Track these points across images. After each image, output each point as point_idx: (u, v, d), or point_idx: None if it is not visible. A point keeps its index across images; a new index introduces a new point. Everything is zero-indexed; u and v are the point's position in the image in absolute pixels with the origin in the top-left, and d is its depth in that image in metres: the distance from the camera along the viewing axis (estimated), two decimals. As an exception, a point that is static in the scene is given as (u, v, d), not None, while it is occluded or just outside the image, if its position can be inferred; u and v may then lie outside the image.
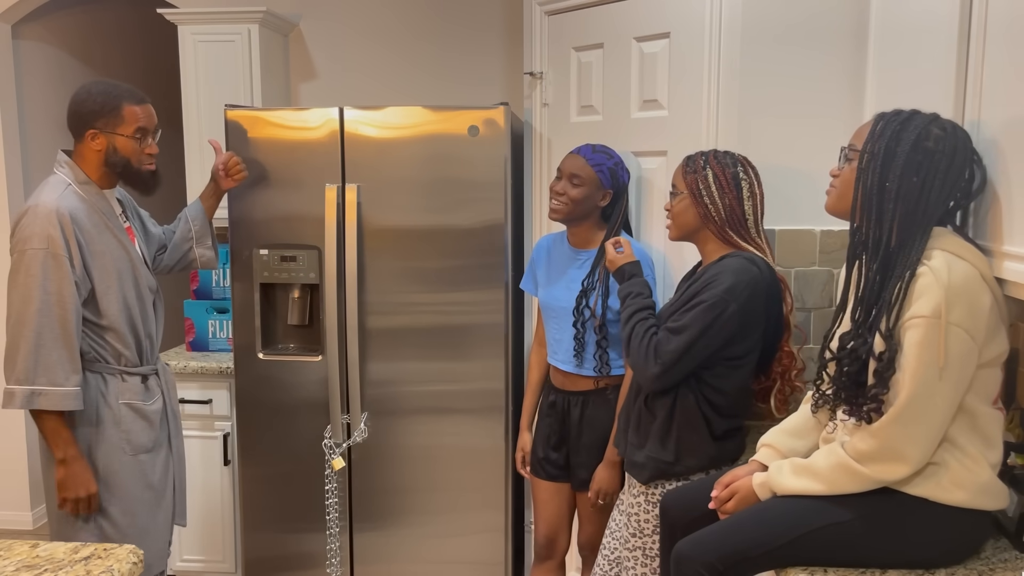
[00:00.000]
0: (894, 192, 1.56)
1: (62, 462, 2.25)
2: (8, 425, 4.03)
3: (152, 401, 2.42)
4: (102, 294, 2.29)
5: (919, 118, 1.58)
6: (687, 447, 2.12)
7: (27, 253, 2.19)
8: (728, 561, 1.64)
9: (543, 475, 2.72)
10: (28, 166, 4.08)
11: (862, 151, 1.61)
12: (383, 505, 3.12)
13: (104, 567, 1.49)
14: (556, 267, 2.66)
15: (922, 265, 1.52)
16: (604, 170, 2.50)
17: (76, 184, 2.30)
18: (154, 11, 3.65)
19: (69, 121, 2.33)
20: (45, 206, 2.22)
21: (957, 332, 1.48)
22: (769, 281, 2.07)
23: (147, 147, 2.35)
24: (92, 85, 2.32)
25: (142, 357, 2.41)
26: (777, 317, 2.13)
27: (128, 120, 2.30)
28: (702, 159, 2.15)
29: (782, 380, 2.22)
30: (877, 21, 2.20)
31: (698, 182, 2.13)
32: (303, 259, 3.03)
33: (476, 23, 3.63)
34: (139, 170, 2.34)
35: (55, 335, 2.20)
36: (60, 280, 2.20)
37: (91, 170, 2.33)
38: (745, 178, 2.13)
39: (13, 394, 2.20)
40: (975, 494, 1.55)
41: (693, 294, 2.07)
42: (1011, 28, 1.54)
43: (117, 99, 2.30)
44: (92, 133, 2.30)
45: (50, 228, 2.19)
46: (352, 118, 2.97)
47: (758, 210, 2.15)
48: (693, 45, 2.51)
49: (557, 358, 2.64)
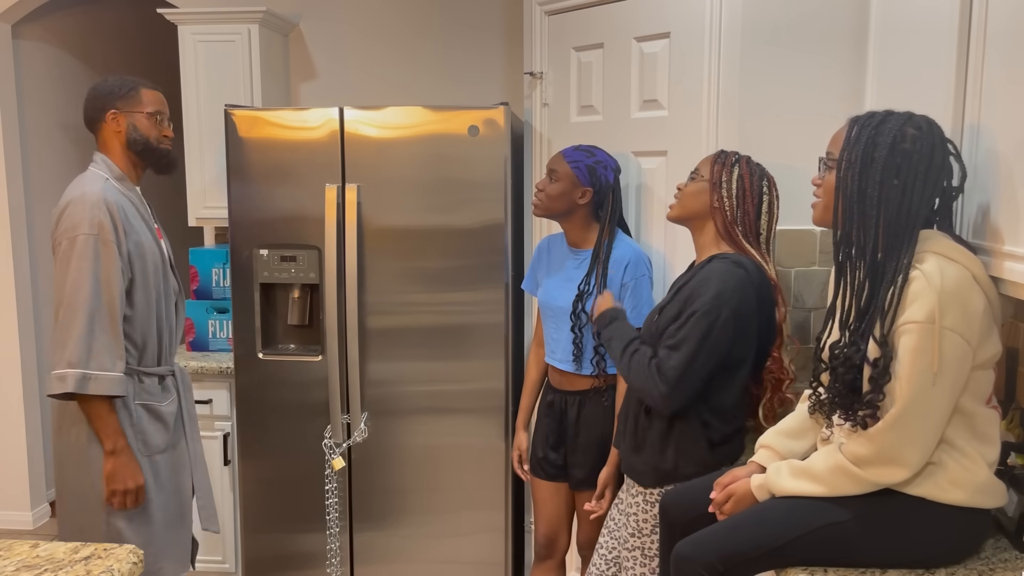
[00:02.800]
0: (875, 198, 1.55)
1: (111, 453, 2.25)
2: (8, 425, 4.04)
3: (168, 402, 2.43)
4: (137, 287, 2.31)
5: (893, 120, 1.57)
6: (686, 456, 2.11)
7: (78, 239, 2.20)
8: (728, 562, 1.64)
9: (542, 475, 2.72)
10: (28, 166, 4.08)
11: (839, 159, 1.61)
12: (383, 505, 3.12)
13: (104, 567, 1.49)
14: (555, 266, 2.66)
15: (914, 269, 1.52)
16: (581, 167, 2.50)
17: (113, 179, 2.34)
18: (154, 11, 3.65)
19: (87, 112, 2.37)
20: (92, 195, 2.24)
21: (951, 336, 1.48)
22: (758, 282, 2.07)
23: (164, 128, 2.41)
24: (106, 78, 2.40)
25: (161, 356, 2.42)
26: (769, 320, 2.13)
27: (145, 101, 2.37)
28: (735, 157, 2.16)
29: (772, 391, 2.22)
30: (877, 21, 2.20)
31: (723, 174, 2.13)
32: (303, 259, 3.03)
33: (476, 23, 3.63)
34: (158, 148, 2.39)
35: (104, 321, 2.22)
36: (109, 266, 2.22)
37: (118, 159, 2.37)
38: (767, 193, 2.15)
39: (65, 377, 2.19)
40: (973, 493, 1.56)
41: (684, 302, 2.06)
42: (1011, 28, 1.54)
43: (134, 82, 2.38)
44: (112, 114, 2.34)
45: (100, 215, 2.22)
46: (352, 118, 2.97)
47: (772, 228, 2.16)
48: (693, 45, 2.51)
49: (555, 357, 2.64)
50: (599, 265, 2.51)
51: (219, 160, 3.38)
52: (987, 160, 1.62)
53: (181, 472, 2.48)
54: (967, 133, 1.69)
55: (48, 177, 4.22)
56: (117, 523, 2.31)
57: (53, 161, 4.26)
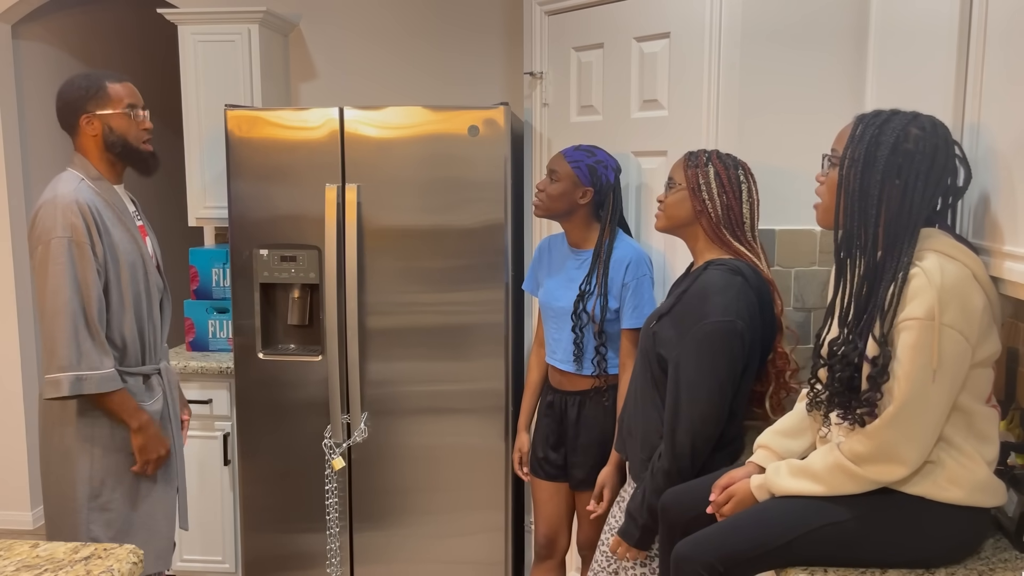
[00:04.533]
0: (877, 197, 1.55)
1: (139, 430, 2.33)
2: (8, 425, 4.04)
3: (152, 400, 2.43)
4: (112, 287, 2.31)
5: (897, 119, 1.57)
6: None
7: (52, 243, 2.21)
8: (728, 562, 1.64)
9: (542, 475, 2.72)
10: (28, 166, 4.08)
11: (842, 156, 1.61)
12: (383, 505, 3.12)
13: (104, 567, 1.49)
14: (555, 267, 2.66)
15: (914, 267, 1.52)
16: (582, 167, 2.50)
17: (88, 180, 2.33)
18: (154, 11, 3.65)
19: (60, 118, 2.35)
20: (64, 197, 2.24)
21: (951, 333, 1.48)
22: (756, 285, 2.07)
23: (141, 122, 2.38)
24: (71, 79, 2.36)
25: (145, 356, 2.42)
26: (770, 318, 2.13)
27: (114, 97, 2.34)
28: (705, 156, 2.15)
29: (777, 383, 2.22)
30: (877, 21, 2.20)
31: (699, 177, 2.12)
32: (303, 259, 3.03)
33: (476, 23, 3.63)
34: (137, 148, 2.37)
35: (86, 322, 2.24)
36: (85, 268, 2.23)
37: (96, 160, 2.36)
38: (745, 182, 2.14)
39: (59, 382, 2.22)
40: (971, 491, 1.56)
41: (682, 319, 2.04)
42: (1011, 28, 1.54)
43: (99, 80, 2.35)
44: (86, 118, 2.32)
45: (72, 217, 2.22)
46: (352, 118, 2.97)
47: (755, 215, 2.16)
48: (693, 45, 2.51)
49: (555, 358, 2.64)
50: (600, 265, 2.51)
51: (219, 160, 3.38)
52: (987, 159, 1.62)
53: (167, 470, 2.48)
54: (967, 132, 1.69)
55: (48, 177, 4.21)
56: (101, 521, 2.34)
57: (53, 161, 4.26)
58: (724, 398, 2.00)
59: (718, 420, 2.01)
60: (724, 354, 1.98)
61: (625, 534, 2.13)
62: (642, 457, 2.17)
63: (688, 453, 2.01)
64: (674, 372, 2.03)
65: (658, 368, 2.12)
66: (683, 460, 2.01)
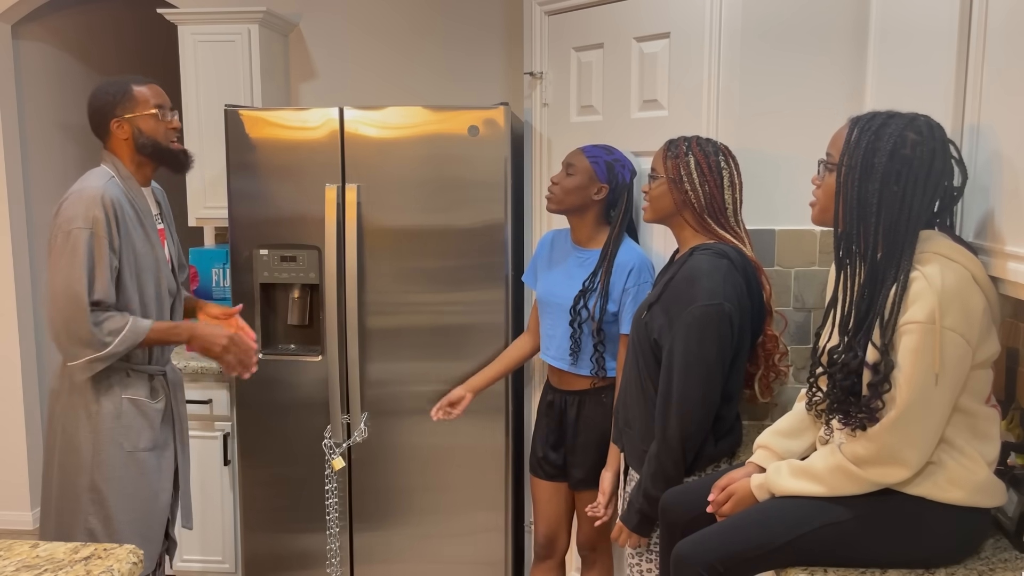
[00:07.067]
0: (875, 203, 1.55)
1: (190, 340, 2.38)
2: (8, 425, 4.03)
3: (156, 400, 2.44)
4: (124, 286, 2.34)
5: (894, 123, 1.56)
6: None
7: (72, 233, 2.25)
8: (728, 562, 1.64)
9: (542, 475, 2.72)
10: (28, 166, 4.08)
11: (839, 163, 1.60)
12: (383, 505, 3.12)
13: (104, 567, 1.49)
14: (557, 262, 2.66)
15: (915, 270, 1.52)
16: (600, 162, 2.50)
17: (119, 178, 2.38)
18: (154, 11, 3.65)
19: (93, 125, 2.41)
20: (92, 190, 2.28)
21: (952, 336, 1.48)
22: (742, 268, 2.07)
23: (169, 122, 2.43)
24: (100, 84, 2.42)
25: (151, 357, 2.43)
26: (758, 301, 2.13)
27: (142, 100, 2.39)
28: (684, 144, 2.15)
29: (766, 365, 2.22)
30: (877, 21, 2.20)
31: (679, 167, 2.13)
32: (303, 259, 3.03)
33: (476, 23, 3.63)
34: (168, 148, 2.42)
35: (102, 308, 2.28)
36: (101, 260, 2.27)
37: (126, 161, 2.41)
38: (726, 167, 2.14)
39: (93, 361, 2.27)
40: (972, 492, 1.56)
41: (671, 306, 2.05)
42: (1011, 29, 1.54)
43: (126, 84, 2.40)
44: (116, 123, 2.38)
45: (95, 210, 2.26)
46: (352, 118, 2.97)
47: (737, 200, 2.16)
48: (693, 45, 2.51)
49: (549, 354, 2.64)
50: (606, 266, 2.50)
51: (219, 160, 3.38)
52: (987, 160, 1.61)
53: (168, 473, 2.48)
54: (967, 133, 1.69)
55: (48, 177, 4.22)
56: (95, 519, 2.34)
57: (53, 161, 4.26)
58: (715, 381, 2.01)
59: (710, 404, 2.02)
60: (713, 337, 1.98)
61: (625, 519, 2.16)
62: (642, 448, 2.18)
63: (678, 435, 2.01)
64: (667, 358, 2.03)
65: (652, 358, 2.12)
66: (673, 443, 2.02)
